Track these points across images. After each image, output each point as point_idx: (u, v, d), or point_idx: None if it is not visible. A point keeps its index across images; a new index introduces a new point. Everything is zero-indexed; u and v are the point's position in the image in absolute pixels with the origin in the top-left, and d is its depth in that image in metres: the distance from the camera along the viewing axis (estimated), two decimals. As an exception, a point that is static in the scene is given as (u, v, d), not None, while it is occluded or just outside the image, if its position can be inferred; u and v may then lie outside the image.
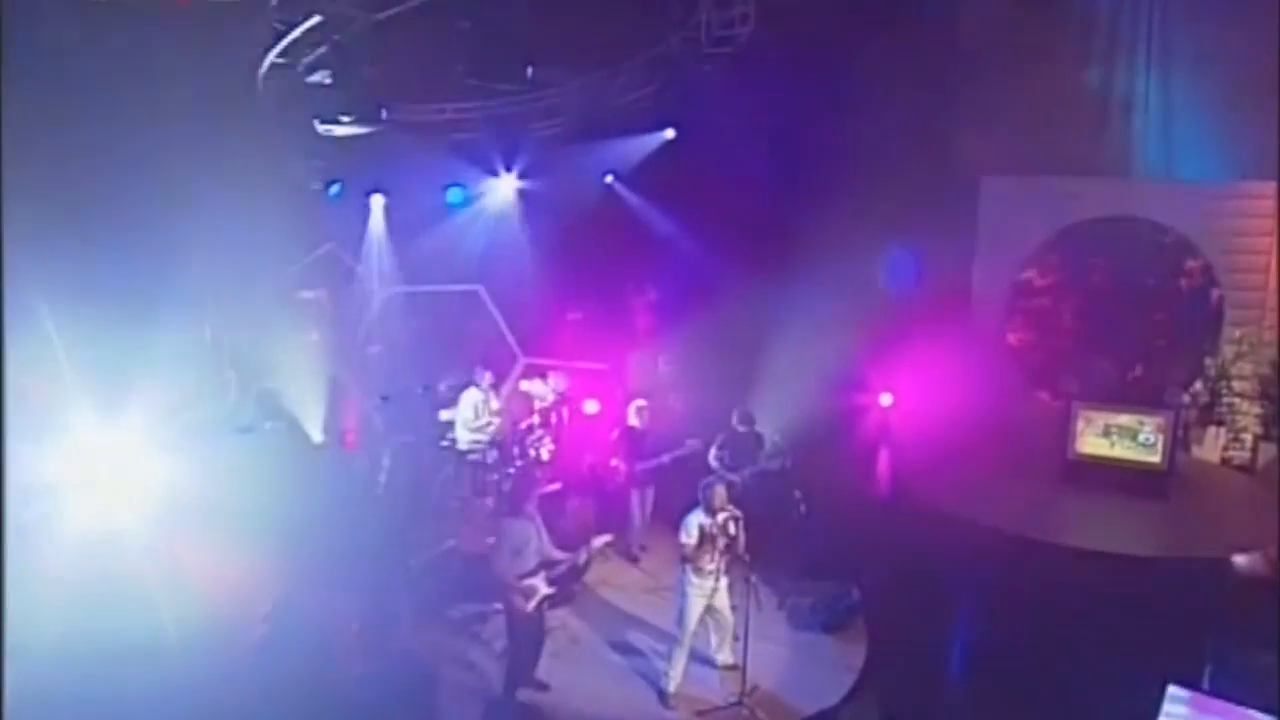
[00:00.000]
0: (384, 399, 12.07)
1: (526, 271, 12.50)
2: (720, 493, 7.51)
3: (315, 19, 6.73)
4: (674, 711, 7.67)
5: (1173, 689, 6.41)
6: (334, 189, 10.16)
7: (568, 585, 8.41)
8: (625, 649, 8.49)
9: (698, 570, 7.56)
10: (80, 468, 7.94)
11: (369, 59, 6.92)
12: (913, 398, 12.84)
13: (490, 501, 9.70)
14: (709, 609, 7.74)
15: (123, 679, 6.48)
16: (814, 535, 9.64)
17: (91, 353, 9.36)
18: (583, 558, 7.66)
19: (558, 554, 7.53)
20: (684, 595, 7.66)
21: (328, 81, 6.75)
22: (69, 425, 7.94)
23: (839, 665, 8.26)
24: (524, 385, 11.93)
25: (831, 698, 7.80)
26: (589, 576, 9.52)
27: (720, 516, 7.42)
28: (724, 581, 7.71)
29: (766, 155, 12.48)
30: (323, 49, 7.01)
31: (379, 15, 6.83)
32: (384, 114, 7.18)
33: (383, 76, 7.26)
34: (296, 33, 6.95)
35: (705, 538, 7.46)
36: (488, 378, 10.66)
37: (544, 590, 7.36)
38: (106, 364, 9.59)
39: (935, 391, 12.55)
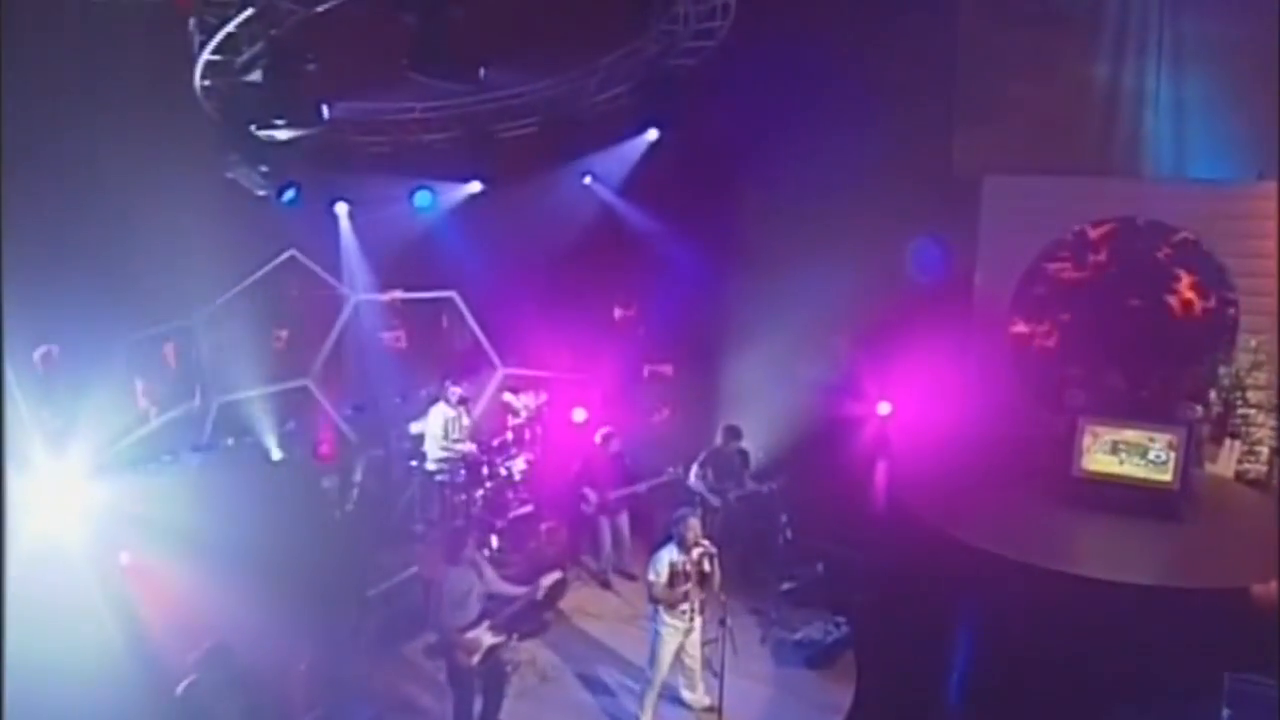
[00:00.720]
0: (356, 410, 11.58)
1: (503, 278, 11.95)
2: (694, 526, 6.98)
3: (248, 11, 6.18)
4: (647, 758, 7.18)
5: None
6: (288, 195, 9.62)
7: (524, 623, 7.88)
8: (597, 687, 7.97)
9: (670, 609, 7.03)
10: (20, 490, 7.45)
11: (308, 56, 6.37)
12: (910, 409, 12.29)
13: (460, 523, 9.15)
14: (682, 648, 7.22)
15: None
16: (800, 563, 9.09)
17: (35, 370, 8.91)
18: (539, 594, 7.14)
19: (509, 589, 7.04)
20: (656, 635, 7.14)
21: (261, 80, 6.20)
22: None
23: (824, 705, 7.73)
24: (506, 397, 11.43)
25: (816, 743, 7.28)
26: (565, 604, 9.04)
27: (695, 553, 6.91)
28: (699, 621, 7.19)
29: (755, 154, 11.95)
30: (259, 45, 6.46)
31: (318, 8, 6.27)
32: (325, 114, 6.63)
33: (327, 75, 6.71)
34: (229, 28, 6.40)
35: (677, 575, 6.94)
36: (457, 393, 10.11)
37: (489, 641, 6.87)
38: (52, 380, 9.14)
39: (933, 404, 12.01)
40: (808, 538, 9.16)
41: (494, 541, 9.47)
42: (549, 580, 7.28)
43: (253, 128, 6.52)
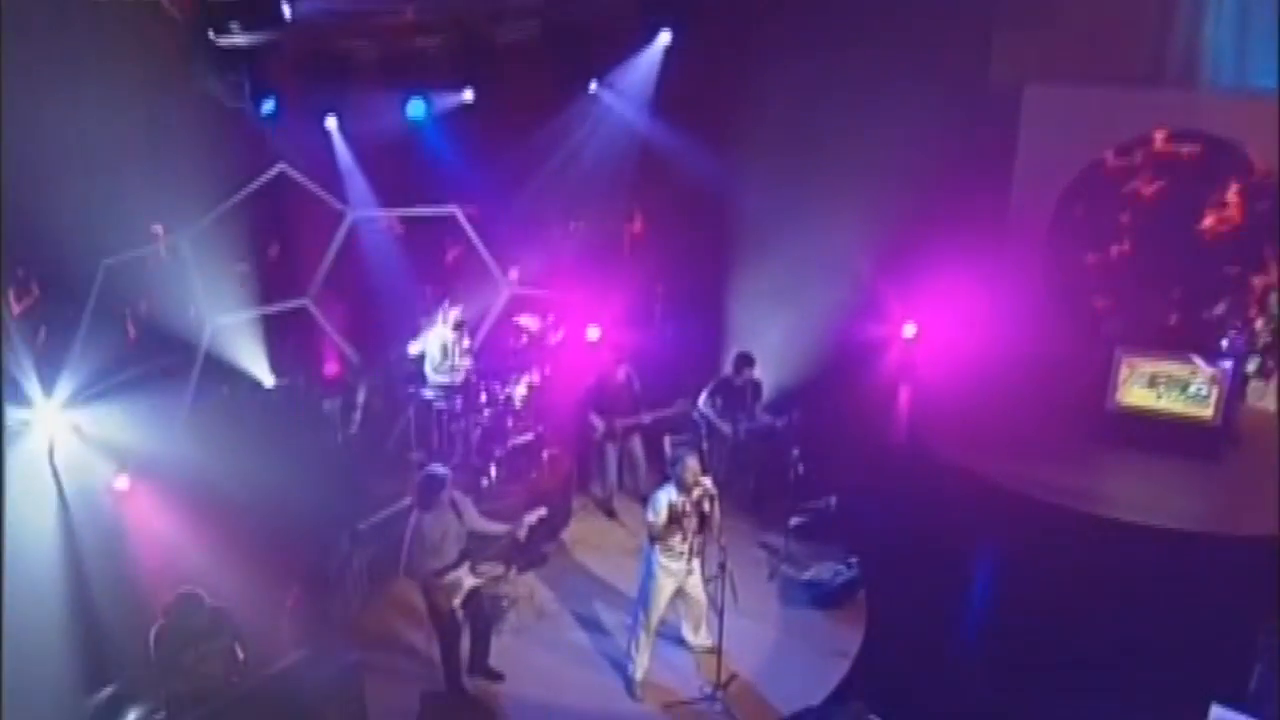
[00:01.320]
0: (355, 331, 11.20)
1: (506, 193, 11.36)
2: (692, 468, 6.58)
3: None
4: (641, 704, 6.91)
5: (1217, 710, 5.52)
6: (266, 107, 9.02)
7: (520, 558, 7.58)
8: (595, 625, 7.72)
9: (667, 550, 6.71)
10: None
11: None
12: (936, 333, 11.65)
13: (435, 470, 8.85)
14: (680, 592, 6.89)
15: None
16: (812, 498, 8.66)
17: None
18: (521, 532, 6.79)
19: (491, 527, 6.76)
20: (650, 576, 6.82)
21: (215, -23, 5.59)
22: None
23: (832, 650, 7.39)
24: (520, 320, 10.99)
25: (820, 689, 6.95)
26: (568, 535, 8.84)
27: (694, 493, 6.50)
28: (696, 563, 6.85)
29: (773, 60, 11.10)
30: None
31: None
32: (286, 17, 6.01)
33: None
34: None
35: (675, 516, 6.58)
36: (454, 315, 9.65)
37: (470, 583, 6.61)
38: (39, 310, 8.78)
39: (960, 329, 11.38)
40: (821, 471, 8.72)
41: (491, 471, 9.13)
42: (533, 517, 6.89)
43: (212, 33, 5.93)
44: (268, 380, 9.91)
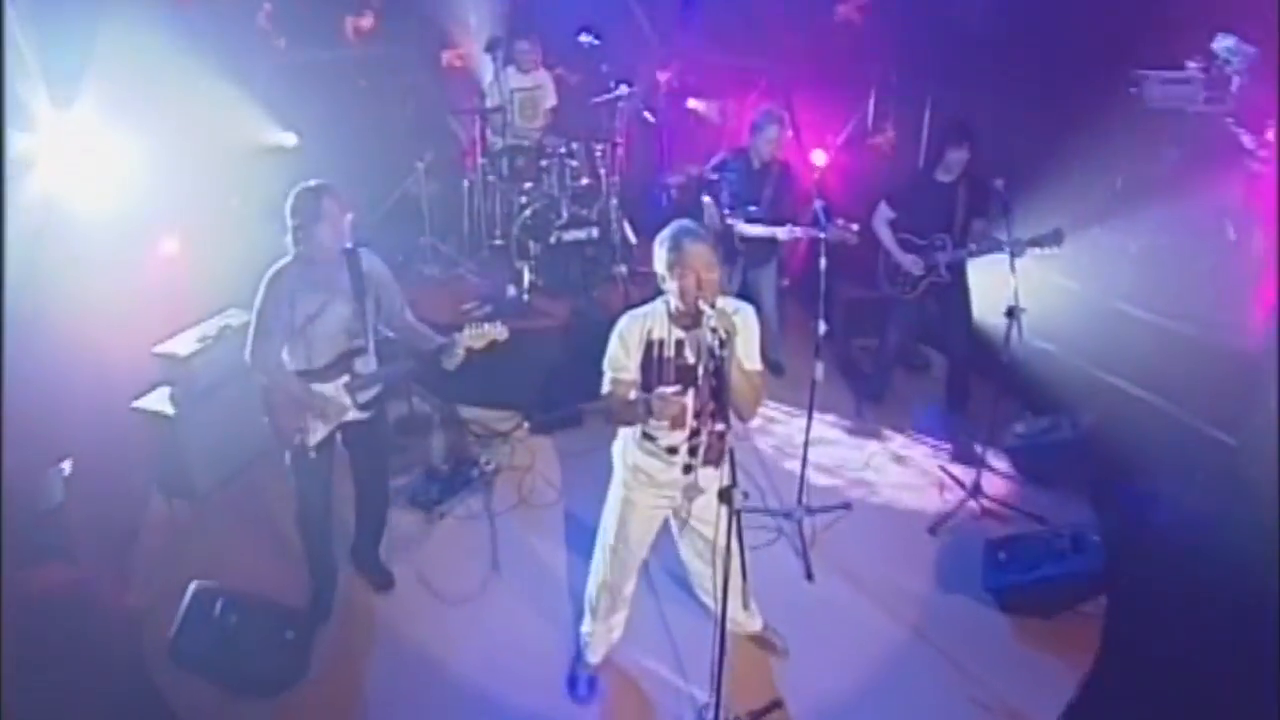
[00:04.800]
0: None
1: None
2: (707, 258, 3.10)
3: None
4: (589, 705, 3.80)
5: None
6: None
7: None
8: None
9: (646, 439, 3.37)
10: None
11: None
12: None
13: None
14: (686, 523, 3.53)
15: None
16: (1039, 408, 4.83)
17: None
18: (462, 341, 3.73)
19: (416, 327, 3.96)
20: (617, 491, 3.55)
21: None
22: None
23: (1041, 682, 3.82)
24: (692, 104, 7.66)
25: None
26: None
27: (711, 321, 2.97)
28: (710, 475, 3.36)
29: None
30: None
31: None
32: None
33: None
34: None
35: (655, 364, 3.21)
36: (529, 53, 6.51)
37: (352, 413, 3.91)
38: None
39: None
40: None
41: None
42: (495, 332, 3.78)
43: None
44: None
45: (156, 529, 4.79)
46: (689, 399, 3.20)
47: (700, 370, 3.18)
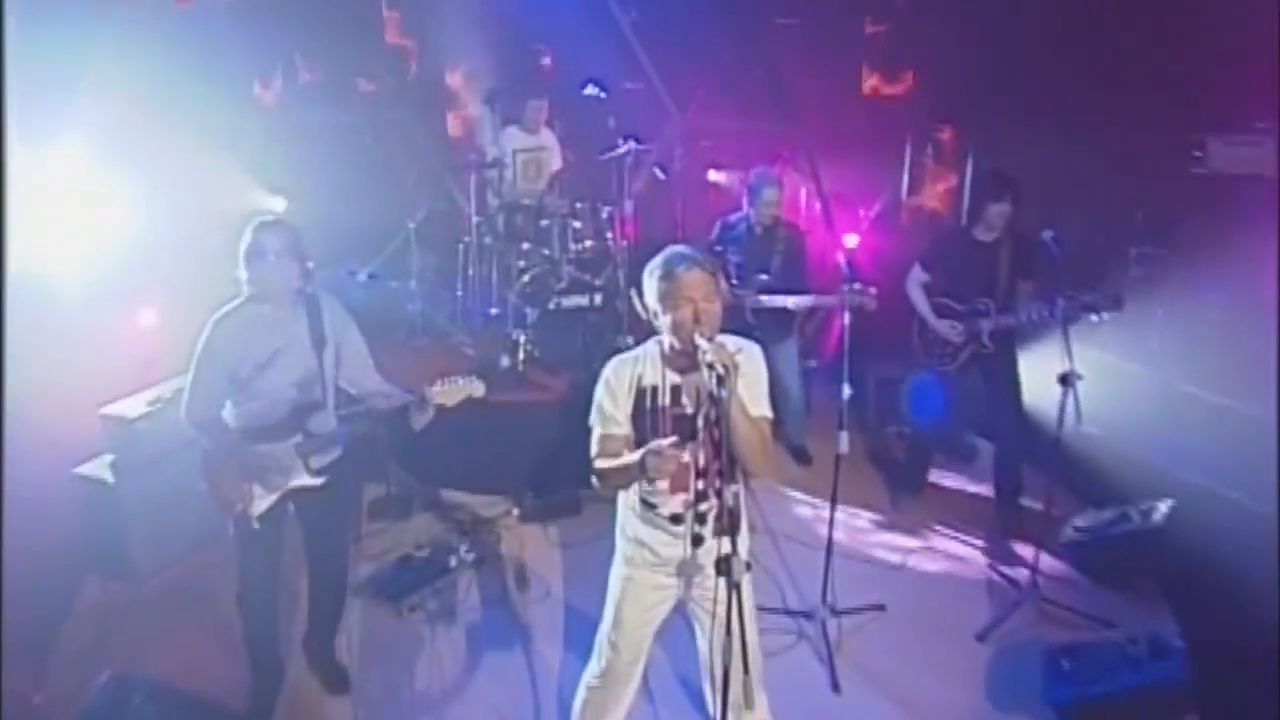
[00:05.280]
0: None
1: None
2: (698, 284, 2.70)
3: None
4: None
5: None
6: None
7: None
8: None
9: (646, 506, 2.92)
10: None
11: None
12: None
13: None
14: (689, 610, 3.08)
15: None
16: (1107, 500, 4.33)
17: None
18: (432, 397, 3.41)
19: (376, 386, 3.60)
20: (614, 575, 3.09)
21: None
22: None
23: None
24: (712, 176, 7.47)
25: None
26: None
27: (707, 356, 2.52)
28: (717, 545, 2.78)
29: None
30: None
31: None
32: None
33: None
34: None
35: (648, 415, 2.80)
36: (539, 108, 6.32)
37: (304, 478, 3.46)
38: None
39: None
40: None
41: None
42: (470, 387, 3.44)
43: None
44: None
45: (86, 615, 4.36)
46: (690, 454, 2.74)
47: (700, 419, 2.76)
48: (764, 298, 5.10)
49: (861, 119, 7.10)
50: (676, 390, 2.76)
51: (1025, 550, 4.64)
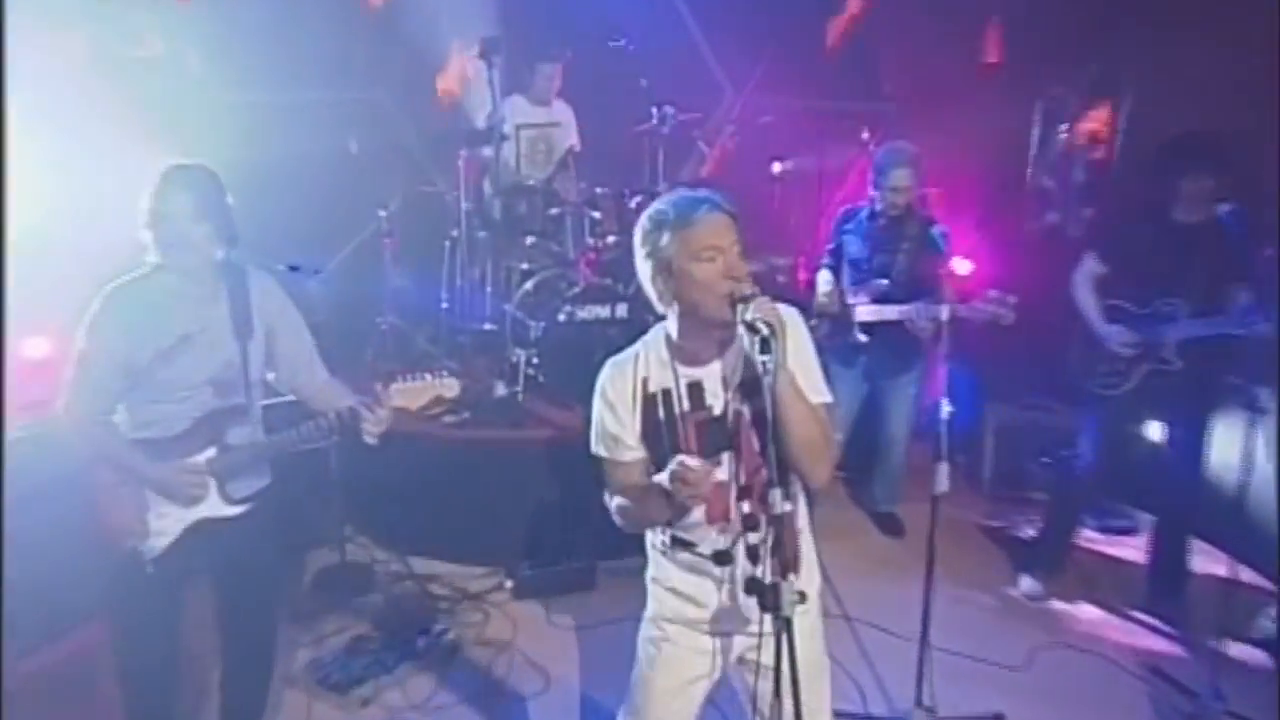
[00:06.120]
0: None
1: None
2: (739, 265, 2.16)
3: None
4: None
5: None
6: None
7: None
8: None
9: (680, 546, 2.32)
10: None
11: None
12: None
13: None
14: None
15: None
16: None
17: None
18: (391, 397, 2.76)
19: (324, 389, 3.03)
20: (644, 636, 2.47)
21: None
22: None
23: None
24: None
25: None
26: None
27: (746, 313, 2.02)
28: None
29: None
30: None
31: None
32: None
33: None
34: None
35: (662, 427, 2.25)
36: (550, 73, 5.52)
37: (217, 506, 2.82)
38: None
39: None
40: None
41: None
42: (439, 385, 2.86)
43: None
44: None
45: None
46: (723, 466, 2.18)
47: (733, 413, 2.17)
48: (874, 308, 4.22)
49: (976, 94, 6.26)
50: (696, 388, 2.23)
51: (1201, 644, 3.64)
